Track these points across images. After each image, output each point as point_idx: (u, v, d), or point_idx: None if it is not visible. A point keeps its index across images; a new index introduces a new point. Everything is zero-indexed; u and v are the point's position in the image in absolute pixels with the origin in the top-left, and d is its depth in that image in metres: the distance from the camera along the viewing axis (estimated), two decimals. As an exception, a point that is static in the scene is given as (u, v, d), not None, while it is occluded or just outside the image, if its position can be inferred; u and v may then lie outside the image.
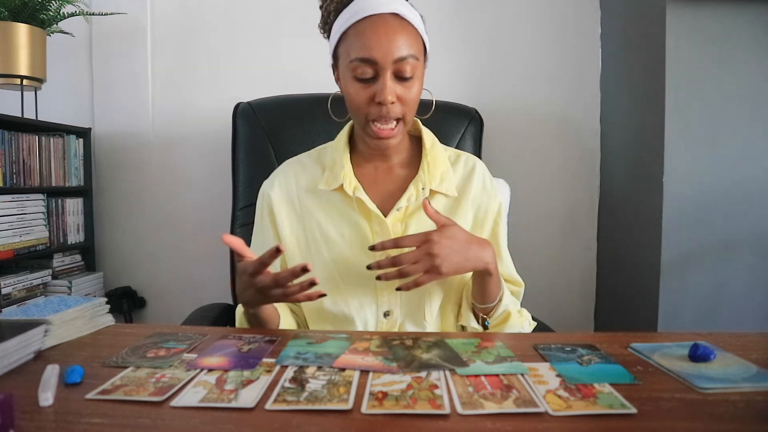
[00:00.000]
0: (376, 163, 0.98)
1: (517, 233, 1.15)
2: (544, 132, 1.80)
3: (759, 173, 1.33)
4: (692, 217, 1.34)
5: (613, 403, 0.52)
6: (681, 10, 1.31)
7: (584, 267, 1.82)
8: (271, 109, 1.42)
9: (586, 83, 1.77)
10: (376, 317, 0.93)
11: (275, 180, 1.00)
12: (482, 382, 0.57)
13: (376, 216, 0.92)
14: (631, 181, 1.58)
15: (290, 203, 0.98)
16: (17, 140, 1.54)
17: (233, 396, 0.53)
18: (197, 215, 1.85)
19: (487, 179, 1.00)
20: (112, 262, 1.90)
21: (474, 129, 1.42)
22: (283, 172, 1.01)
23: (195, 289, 1.83)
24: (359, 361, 0.63)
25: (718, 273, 1.35)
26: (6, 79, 1.59)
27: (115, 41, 1.84)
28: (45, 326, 0.68)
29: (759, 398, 0.53)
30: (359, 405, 0.51)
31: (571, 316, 1.82)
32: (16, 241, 1.52)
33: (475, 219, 0.97)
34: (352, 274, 0.93)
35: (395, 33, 0.83)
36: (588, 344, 0.69)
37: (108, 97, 1.86)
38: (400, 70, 0.84)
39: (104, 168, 1.89)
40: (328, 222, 0.95)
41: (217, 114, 1.79)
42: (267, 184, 1.01)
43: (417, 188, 0.93)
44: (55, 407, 0.52)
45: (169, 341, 0.70)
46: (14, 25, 1.56)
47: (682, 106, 1.33)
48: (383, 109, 0.85)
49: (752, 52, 1.31)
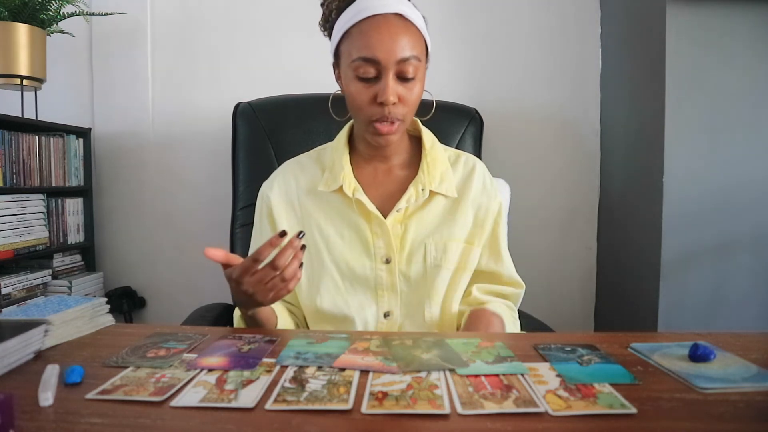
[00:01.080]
0: (375, 165, 0.98)
1: (517, 233, 1.15)
2: (544, 132, 1.80)
3: (759, 173, 1.33)
4: (692, 217, 1.34)
5: (613, 403, 0.52)
6: (681, 10, 1.31)
7: (584, 267, 1.82)
8: (271, 109, 1.42)
9: (586, 83, 1.77)
10: (376, 318, 0.93)
11: (274, 181, 1.00)
12: (482, 382, 0.57)
13: (375, 217, 0.92)
14: (631, 181, 1.57)
15: (290, 205, 0.98)
16: (17, 140, 1.54)
17: (233, 396, 0.53)
18: (197, 215, 1.85)
19: (487, 179, 1.00)
20: (112, 262, 1.90)
21: (474, 129, 1.42)
22: (283, 174, 1.01)
23: (195, 289, 1.83)
24: (359, 361, 0.63)
25: (718, 273, 1.35)
26: (6, 79, 1.59)
27: (115, 41, 1.84)
28: (45, 326, 0.68)
29: (759, 398, 0.53)
30: (359, 405, 0.51)
31: (571, 316, 1.82)
32: (16, 241, 1.52)
33: (475, 219, 0.97)
34: (352, 275, 0.93)
35: (398, 33, 0.83)
36: (588, 344, 0.69)
37: (108, 97, 1.86)
38: (402, 71, 0.84)
39: (104, 168, 1.89)
40: (328, 223, 0.95)
41: (217, 114, 1.79)
42: (266, 186, 1.01)
43: (417, 189, 0.93)
44: (55, 407, 0.52)
45: (169, 341, 0.70)
46: (14, 25, 1.56)
47: (682, 106, 1.33)
48: (385, 109, 0.85)
49: (752, 51, 1.31)
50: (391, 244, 0.92)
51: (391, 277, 0.92)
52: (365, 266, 0.92)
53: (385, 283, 0.92)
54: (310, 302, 0.95)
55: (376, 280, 0.92)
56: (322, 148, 1.03)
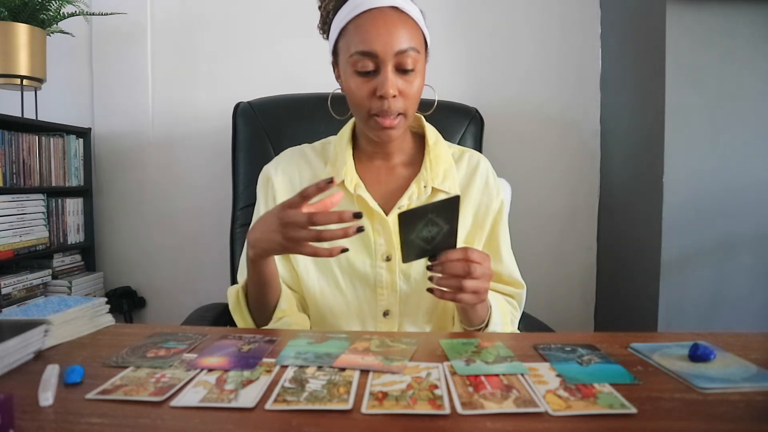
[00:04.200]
0: (378, 162, 0.97)
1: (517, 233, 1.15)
2: (544, 132, 1.80)
3: (759, 173, 1.33)
4: (692, 217, 1.34)
5: (613, 403, 0.52)
6: (681, 10, 1.31)
7: (584, 267, 1.82)
8: (271, 109, 1.42)
9: (586, 83, 1.77)
10: (375, 316, 0.93)
11: (279, 166, 0.99)
12: (482, 382, 0.57)
13: (377, 214, 0.92)
14: (631, 181, 1.57)
15: (293, 193, 0.97)
16: (17, 140, 1.54)
17: (233, 396, 0.53)
18: (197, 215, 1.85)
19: (490, 177, 0.99)
20: (112, 262, 1.90)
21: (474, 129, 1.42)
22: (287, 161, 1.00)
23: (195, 289, 1.83)
24: (359, 360, 0.63)
25: (718, 273, 1.35)
26: (6, 79, 1.59)
27: (115, 41, 1.84)
28: (45, 326, 0.68)
29: (759, 398, 0.53)
30: (359, 405, 0.51)
31: (571, 316, 1.82)
32: (16, 241, 1.53)
33: (475, 218, 0.97)
34: (352, 271, 0.93)
35: (395, 26, 0.83)
36: (588, 344, 0.69)
37: (108, 97, 1.86)
38: (401, 63, 0.84)
39: (104, 168, 1.89)
40: None
41: (217, 114, 1.79)
42: (270, 169, 0.99)
43: (419, 186, 0.93)
44: (55, 407, 0.52)
45: (169, 341, 0.70)
46: (14, 25, 1.56)
47: (682, 106, 1.33)
48: (385, 103, 0.84)
49: (752, 51, 1.31)
50: (392, 242, 0.91)
51: (391, 275, 0.92)
52: (365, 263, 0.92)
53: (385, 281, 0.92)
54: (311, 296, 0.95)
55: (376, 278, 0.92)
56: (326, 141, 1.02)
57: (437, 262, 0.75)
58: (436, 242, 0.73)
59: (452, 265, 0.74)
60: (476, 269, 0.74)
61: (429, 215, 0.70)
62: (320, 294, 0.94)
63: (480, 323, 0.86)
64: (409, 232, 0.71)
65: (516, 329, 0.95)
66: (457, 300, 0.75)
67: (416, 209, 0.70)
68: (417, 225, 0.70)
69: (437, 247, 0.74)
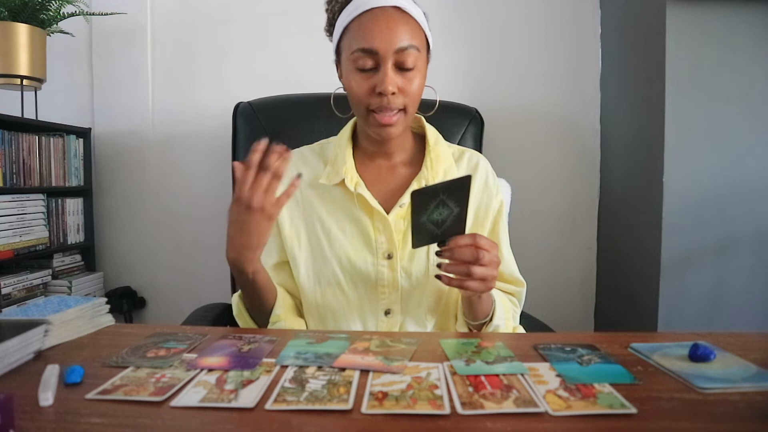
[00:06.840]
0: (379, 162, 0.97)
1: (518, 233, 1.15)
2: (545, 132, 1.80)
3: (759, 173, 1.33)
4: (692, 217, 1.34)
5: (613, 403, 0.52)
6: (681, 10, 1.31)
7: (584, 267, 1.82)
8: (271, 109, 1.42)
9: (586, 83, 1.77)
10: (376, 315, 0.93)
11: None
12: (482, 382, 0.57)
13: (377, 212, 0.92)
14: (631, 180, 1.57)
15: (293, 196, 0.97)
16: (17, 140, 1.54)
17: (233, 396, 0.53)
18: (197, 215, 1.85)
19: (490, 177, 1.00)
20: (112, 262, 1.90)
21: (474, 129, 1.42)
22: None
23: (195, 289, 1.83)
24: (359, 360, 0.63)
25: (718, 273, 1.35)
26: (6, 79, 1.59)
27: (115, 41, 1.84)
28: (45, 326, 0.68)
29: (759, 398, 0.53)
30: (359, 405, 0.51)
31: (571, 316, 1.82)
32: (16, 241, 1.53)
33: (475, 217, 0.97)
34: (353, 269, 0.93)
35: (396, 24, 0.84)
36: (588, 344, 0.69)
37: (108, 97, 1.86)
38: (401, 61, 0.84)
39: (104, 168, 1.89)
40: (329, 217, 0.94)
41: (217, 114, 1.79)
42: None
43: (419, 184, 0.93)
44: (55, 407, 0.52)
45: (169, 341, 0.70)
46: (14, 25, 1.56)
47: (682, 106, 1.33)
48: (384, 99, 0.84)
49: (752, 52, 1.31)
50: (393, 240, 0.91)
51: (393, 273, 0.92)
52: (366, 261, 0.92)
53: (387, 279, 0.92)
54: (311, 296, 0.95)
55: (377, 276, 0.92)
56: (325, 142, 1.03)
57: (446, 248, 0.75)
58: (445, 226, 0.74)
59: (461, 250, 0.75)
60: (485, 256, 0.74)
61: (440, 195, 0.71)
62: (321, 293, 0.94)
63: (484, 317, 0.86)
64: (420, 215, 0.71)
65: (518, 324, 0.95)
66: (464, 287, 0.76)
67: (428, 188, 0.71)
68: (428, 206, 0.71)
69: (446, 232, 0.75)
